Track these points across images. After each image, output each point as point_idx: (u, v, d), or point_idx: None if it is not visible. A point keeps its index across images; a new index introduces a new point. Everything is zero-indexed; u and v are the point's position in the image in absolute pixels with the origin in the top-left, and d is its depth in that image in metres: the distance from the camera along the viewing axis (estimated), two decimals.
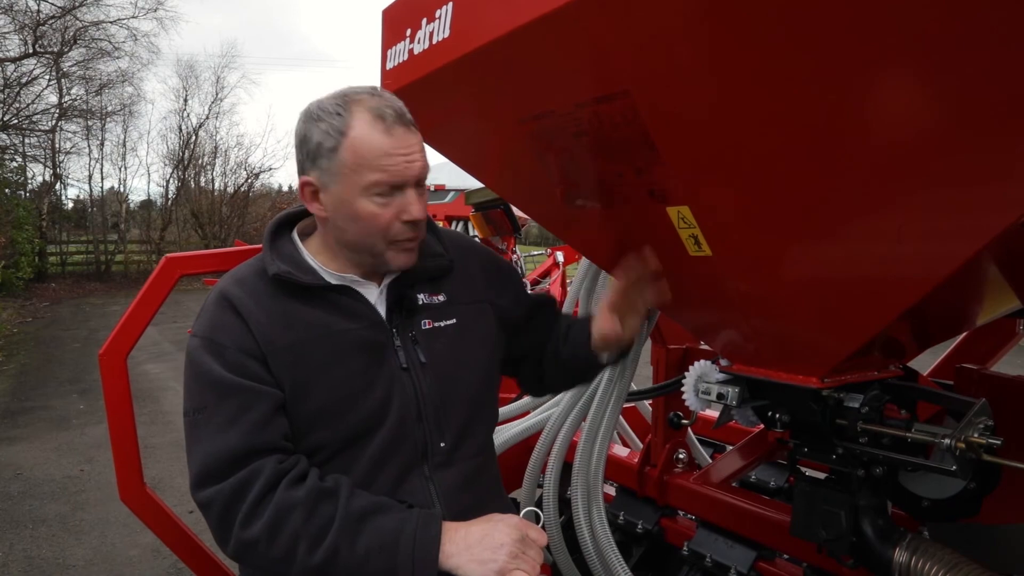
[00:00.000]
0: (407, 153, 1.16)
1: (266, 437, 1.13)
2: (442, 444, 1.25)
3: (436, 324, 1.30)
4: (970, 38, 0.72)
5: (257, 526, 1.08)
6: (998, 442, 1.14)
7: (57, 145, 19.74)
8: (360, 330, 1.23)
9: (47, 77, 18.27)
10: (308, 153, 1.18)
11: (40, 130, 18.79)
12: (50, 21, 17.34)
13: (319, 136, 1.16)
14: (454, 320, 1.32)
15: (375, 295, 1.28)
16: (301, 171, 1.21)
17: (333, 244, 1.26)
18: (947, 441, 1.16)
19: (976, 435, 1.15)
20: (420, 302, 1.30)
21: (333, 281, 1.24)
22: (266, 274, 1.23)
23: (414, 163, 1.17)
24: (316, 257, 1.27)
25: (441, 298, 1.33)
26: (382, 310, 1.27)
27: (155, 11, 19.21)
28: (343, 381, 1.19)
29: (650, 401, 2.39)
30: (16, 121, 17.62)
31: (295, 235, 1.31)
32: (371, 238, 1.20)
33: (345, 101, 1.16)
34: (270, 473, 1.10)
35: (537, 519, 1.26)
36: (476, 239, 5.34)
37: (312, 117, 1.17)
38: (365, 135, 1.14)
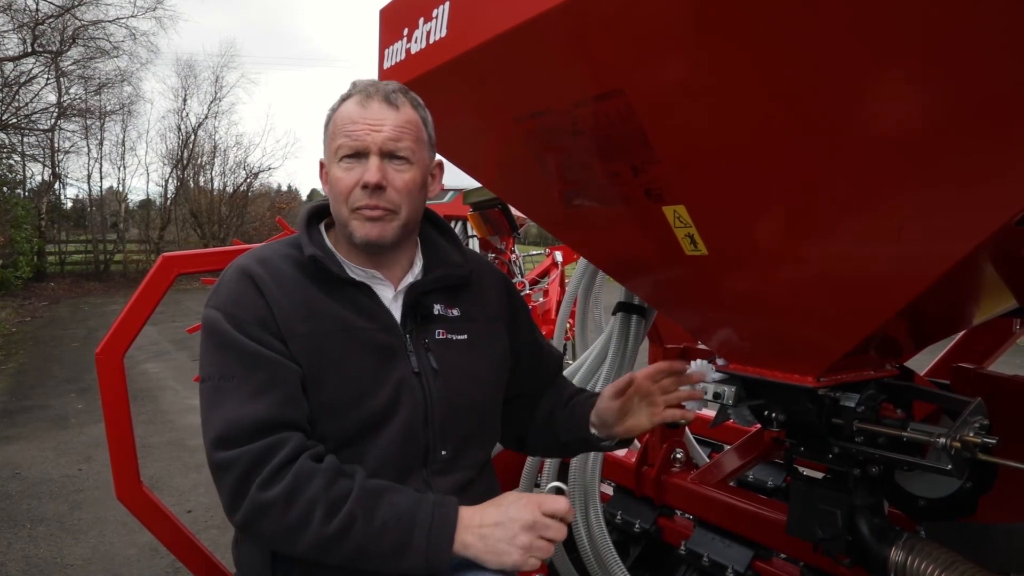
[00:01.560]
0: (374, 123, 1.20)
1: (293, 413, 1.15)
2: (443, 452, 1.26)
3: (449, 336, 1.31)
4: (969, 38, 0.72)
5: (276, 488, 1.08)
6: (994, 441, 1.14)
7: (56, 144, 19.73)
8: (374, 331, 1.24)
9: (46, 76, 18.23)
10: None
11: (39, 129, 18.77)
12: (49, 20, 17.29)
13: (326, 119, 1.26)
14: (466, 336, 1.33)
15: (390, 297, 1.29)
16: None
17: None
18: (943, 440, 1.16)
19: (972, 434, 1.15)
20: (435, 312, 1.31)
21: (355, 277, 1.26)
22: (290, 259, 1.25)
23: (378, 132, 1.20)
24: (336, 249, 1.30)
25: (456, 312, 1.34)
26: (396, 313, 1.28)
27: (154, 10, 19.16)
28: (354, 378, 1.20)
29: None
30: (15, 120, 17.60)
31: (322, 227, 1.34)
32: (338, 205, 1.24)
33: (352, 87, 1.26)
34: (296, 443, 1.12)
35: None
36: (474, 237, 5.33)
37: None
38: (344, 109, 1.23)
